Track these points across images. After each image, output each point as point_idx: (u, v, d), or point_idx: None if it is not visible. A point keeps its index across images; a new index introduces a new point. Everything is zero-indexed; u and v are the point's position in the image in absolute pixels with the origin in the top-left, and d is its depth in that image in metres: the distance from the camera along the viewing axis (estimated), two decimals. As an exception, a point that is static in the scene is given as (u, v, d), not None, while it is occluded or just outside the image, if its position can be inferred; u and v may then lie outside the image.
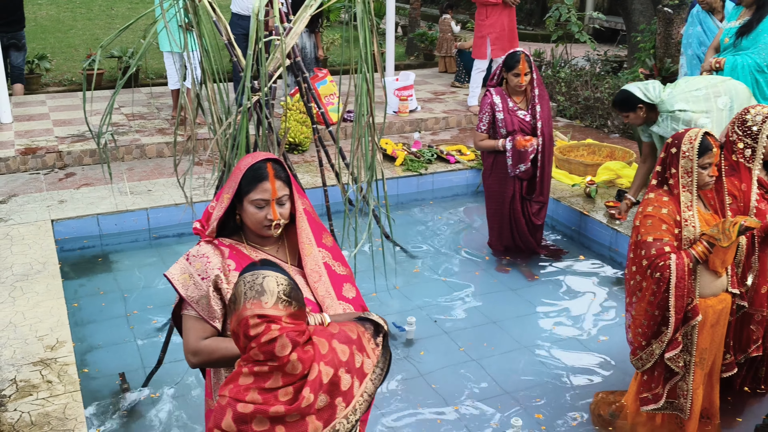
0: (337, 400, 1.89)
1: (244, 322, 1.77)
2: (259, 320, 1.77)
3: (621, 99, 4.50)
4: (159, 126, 7.63)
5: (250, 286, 1.79)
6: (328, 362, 1.87)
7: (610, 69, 10.61)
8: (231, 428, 1.80)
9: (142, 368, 4.04)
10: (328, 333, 1.95)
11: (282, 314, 1.78)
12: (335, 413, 1.88)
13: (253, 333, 1.77)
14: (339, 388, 1.89)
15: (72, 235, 5.44)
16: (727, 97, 4.42)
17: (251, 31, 3.23)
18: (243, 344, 1.81)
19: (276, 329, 1.77)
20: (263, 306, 1.77)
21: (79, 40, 13.56)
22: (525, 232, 5.20)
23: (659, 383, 3.30)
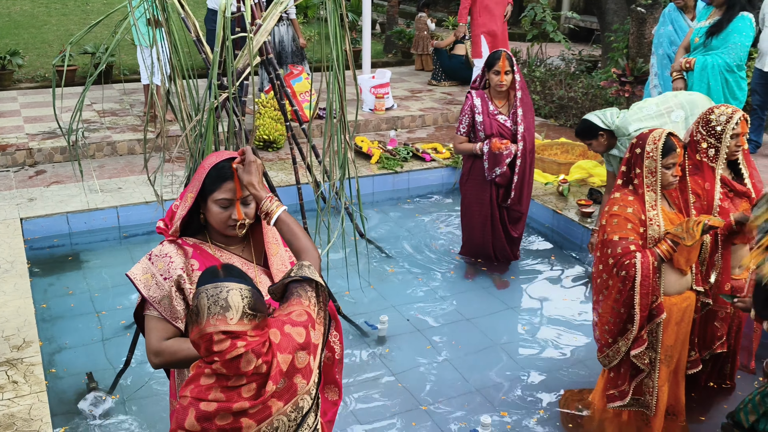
0: (296, 378, 1.89)
1: (208, 338, 1.75)
2: (224, 336, 1.74)
3: (582, 129, 4.53)
4: (131, 123, 7.56)
5: (213, 301, 1.76)
6: (284, 350, 1.87)
7: (585, 68, 10.68)
8: (194, 427, 1.79)
9: (111, 368, 4.00)
10: (279, 321, 1.93)
11: (247, 329, 1.77)
12: (296, 390, 1.89)
13: (218, 349, 1.74)
14: (295, 367, 1.89)
15: (41, 233, 5.38)
16: (680, 111, 4.46)
17: (218, 28, 3.21)
18: (205, 356, 1.79)
19: (242, 346, 1.75)
20: (228, 323, 1.75)
21: (53, 35, 13.38)
22: (502, 240, 5.08)
23: (625, 380, 3.33)
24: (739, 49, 5.44)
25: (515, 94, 4.78)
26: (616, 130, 4.45)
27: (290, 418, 1.89)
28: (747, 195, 3.48)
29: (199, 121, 3.50)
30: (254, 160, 2.27)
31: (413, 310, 4.73)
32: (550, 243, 5.81)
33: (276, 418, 1.86)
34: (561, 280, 5.21)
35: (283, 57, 8.22)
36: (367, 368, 4.10)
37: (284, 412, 1.87)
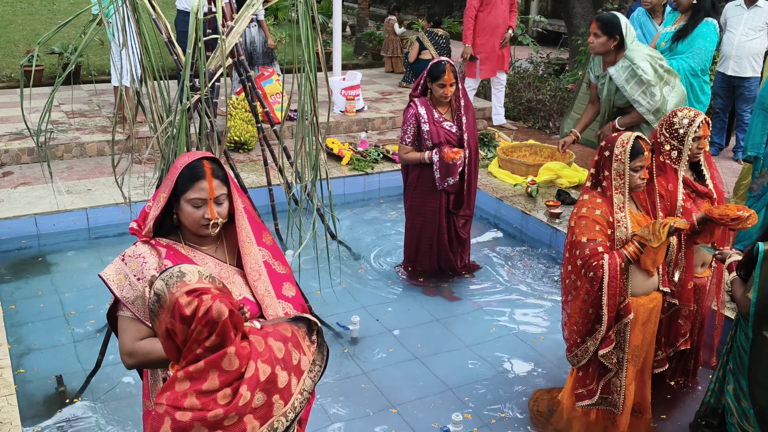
0: (274, 398, 1.89)
1: (177, 306, 1.76)
2: (189, 297, 1.77)
3: (607, 18, 4.58)
4: (100, 124, 7.48)
5: (169, 277, 1.80)
6: (266, 360, 1.88)
7: (553, 71, 10.82)
8: None
9: (81, 370, 3.97)
10: (263, 331, 1.95)
11: (209, 286, 1.80)
12: (272, 411, 1.89)
13: (189, 311, 1.75)
14: (276, 385, 1.90)
15: (9, 235, 5.31)
16: (671, 89, 4.61)
17: (190, 29, 3.21)
18: (182, 335, 1.78)
19: (208, 298, 1.77)
20: (188, 284, 1.78)
21: (18, 35, 13.17)
22: (447, 250, 5.00)
23: (593, 379, 3.40)
24: (703, 54, 5.57)
25: (458, 101, 4.72)
26: (627, 51, 4.53)
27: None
28: (708, 196, 3.58)
29: (171, 123, 3.50)
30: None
31: (384, 311, 4.76)
32: (519, 243, 5.88)
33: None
34: (530, 280, 5.28)
35: (254, 58, 8.21)
36: (339, 368, 4.12)
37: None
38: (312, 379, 2.07)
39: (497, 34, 8.28)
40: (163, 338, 1.83)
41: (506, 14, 8.36)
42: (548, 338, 4.51)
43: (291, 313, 2.38)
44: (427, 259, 5.06)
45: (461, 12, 17.96)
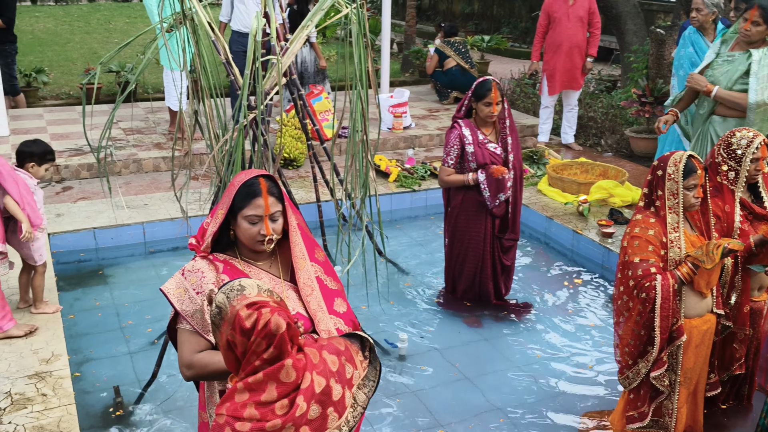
0: (329, 410, 1.93)
1: (237, 319, 1.83)
2: (249, 309, 1.83)
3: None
4: (156, 141, 7.70)
5: (229, 291, 1.88)
6: (320, 372, 1.92)
7: (604, 88, 10.73)
8: None
9: (137, 381, 4.07)
10: (318, 344, 2.00)
11: (268, 300, 1.86)
12: (327, 423, 1.93)
13: (249, 324, 1.82)
14: (331, 398, 1.94)
15: (69, 248, 5.48)
16: None
17: (249, 50, 3.30)
18: (241, 347, 1.84)
19: (267, 311, 1.83)
20: (248, 297, 1.85)
21: (76, 53, 13.64)
22: (488, 277, 4.84)
23: (645, 402, 3.35)
24: None
25: (503, 122, 4.63)
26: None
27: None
28: (766, 218, 3.51)
29: (228, 140, 3.59)
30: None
31: (431, 329, 4.76)
32: (569, 263, 5.83)
33: None
34: (581, 301, 5.23)
35: (305, 78, 8.36)
36: (388, 385, 4.14)
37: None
38: (366, 394, 2.10)
39: (561, 52, 8.12)
40: (223, 349, 1.90)
41: (575, 33, 8.07)
42: (599, 360, 4.45)
43: (342, 328, 2.42)
44: (470, 287, 4.92)
45: (509, 28, 17.99)
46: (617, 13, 10.36)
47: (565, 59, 8.10)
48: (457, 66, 9.80)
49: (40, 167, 4.10)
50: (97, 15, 19.21)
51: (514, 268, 5.02)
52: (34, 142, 4.12)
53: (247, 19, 7.66)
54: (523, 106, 10.12)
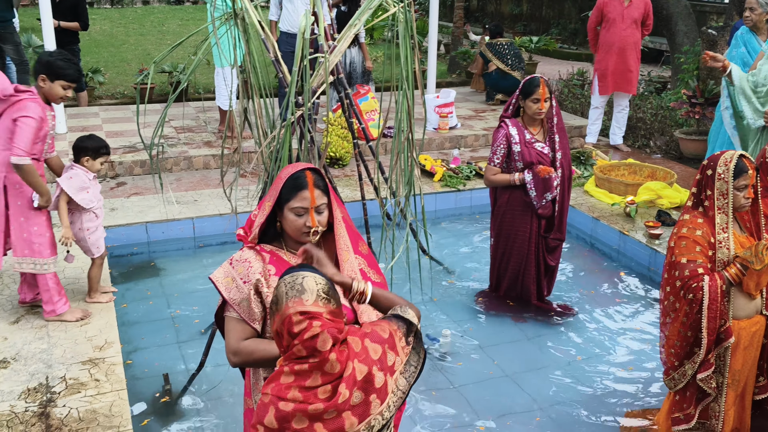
0: (371, 397, 1.98)
1: (288, 320, 1.87)
2: (301, 317, 1.87)
3: None
4: (206, 139, 7.87)
5: (290, 286, 1.90)
6: (362, 360, 1.96)
7: (654, 89, 10.57)
8: (273, 425, 1.90)
9: (185, 370, 4.19)
10: (361, 332, 2.04)
11: (322, 311, 1.89)
12: (369, 409, 1.97)
13: (297, 330, 1.86)
14: (373, 385, 1.98)
15: (122, 241, 5.65)
16: None
17: (297, 48, 3.37)
18: (286, 342, 1.90)
19: (318, 326, 1.87)
20: (304, 303, 1.88)
21: (131, 54, 14.00)
22: (531, 277, 4.80)
23: (691, 404, 3.31)
24: None
25: (551, 121, 4.58)
26: None
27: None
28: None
29: (275, 137, 3.67)
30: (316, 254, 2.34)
31: (473, 326, 4.78)
32: (616, 264, 5.77)
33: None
34: (626, 302, 5.17)
35: (353, 78, 8.44)
36: (429, 380, 4.17)
37: (357, 430, 1.95)
38: (407, 380, 2.14)
39: (613, 52, 7.99)
40: (273, 333, 1.96)
41: (629, 34, 7.94)
42: (643, 361, 4.41)
43: None
44: (513, 286, 4.91)
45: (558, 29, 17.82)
46: (668, 14, 10.19)
47: (617, 60, 8.00)
48: (498, 69, 9.75)
49: (95, 161, 4.24)
50: (151, 17, 19.67)
51: (558, 269, 4.99)
52: (89, 138, 4.26)
53: (295, 19, 7.77)
54: (571, 106, 10.03)
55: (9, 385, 3.62)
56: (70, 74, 3.96)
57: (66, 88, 3.98)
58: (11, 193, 3.98)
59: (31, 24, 13.92)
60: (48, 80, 3.92)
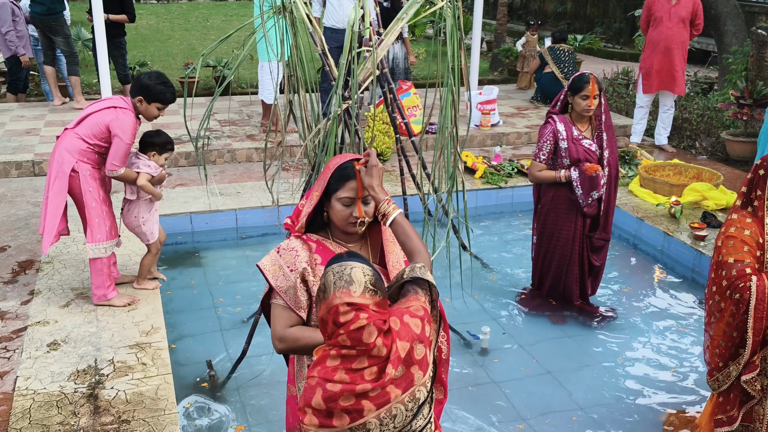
0: (413, 368, 2.01)
1: (334, 310, 1.90)
2: (348, 308, 1.89)
3: None
4: (249, 132, 7.97)
5: (339, 276, 1.93)
6: (403, 337, 1.99)
7: (700, 90, 10.39)
8: (320, 406, 1.94)
9: (227, 357, 4.26)
10: (399, 311, 2.07)
11: (369, 303, 1.91)
12: (413, 380, 2.01)
13: (343, 320, 1.89)
14: (413, 357, 2.01)
15: (167, 231, 5.69)
16: None
17: (345, 41, 3.41)
18: (331, 331, 1.94)
19: (364, 317, 1.89)
20: (352, 295, 1.90)
21: (176, 49, 14.24)
22: (574, 276, 4.75)
23: (735, 406, 3.26)
24: None
25: (600, 118, 4.51)
26: None
27: (407, 407, 2.01)
28: None
29: (320, 130, 3.71)
30: (376, 164, 2.43)
31: (514, 324, 4.76)
32: (659, 265, 5.70)
33: (394, 406, 1.97)
34: (671, 302, 5.11)
35: (395, 73, 8.47)
36: (468, 377, 4.17)
37: (402, 401, 1.98)
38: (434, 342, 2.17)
39: (659, 51, 7.87)
40: (318, 320, 1.99)
41: (675, 33, 7.81)
42: (686, 363, 4.35)
43: None
44: (556, 286, 4.86)
45: (603, 28, 17.60)
46: (716, 13, 10.00)
47: (662, 59, 7.88)
48: (551, 74, 9.63)
49: (160, 156, 4.37)
50: (196, 13, 19.95)
51: (603, 269, 4.91)
52: (156, 133, 4.40)
53: (340, 14, 7.81)
54: (615, 105, 9.92)
55: (59, 367, 3.73)
56: (168, 98, 4.21)
57: (161, 109, 4.23)
58: (83, 180, 4.12)
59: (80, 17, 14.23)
60: (145, 102, 4.15)
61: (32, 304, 4.35)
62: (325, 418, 1.94)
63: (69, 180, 4.10)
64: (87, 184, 4.13)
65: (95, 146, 4.12)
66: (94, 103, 4.26)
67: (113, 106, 4.13)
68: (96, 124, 4.10)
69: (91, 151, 4.12)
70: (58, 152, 4.10)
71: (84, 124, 4.13)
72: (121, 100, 4.19)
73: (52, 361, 3.78)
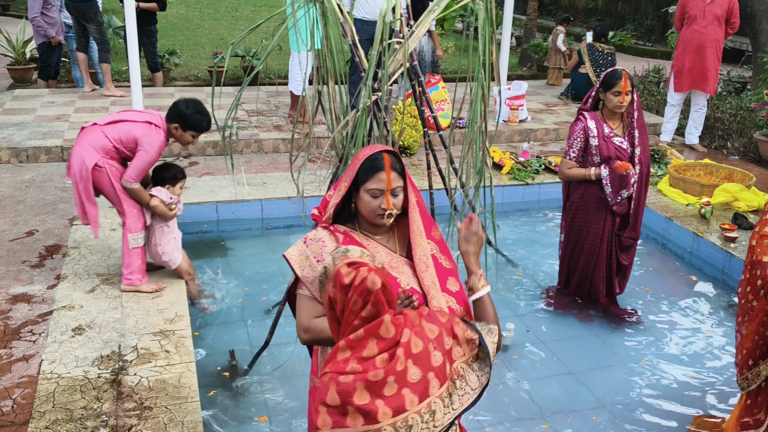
0: (429, 375, 1.97)
1: (338, 276, 1.93)
2: (349, 268, 1.92)
3: None
4: (276, 123, 7.98)
5: (335, 254, 1.98)
6: (418, 333, 1.97)
7: (733, 89, 10.21)
8: (335, 401, 1.92)
9: (250, 347, 4.26)
10: (418, 312, 2.05)
11: (368, 261, 1.94)
12: (428, 388, 1.97)
13: (347, 280, 1.91)
14: (429, 362, 1.97)
15: (193, 219, 5.77)
16: None
17: (377, 32, 3.38)
18: (341, 305, 1.93)
19: (365, 269, 1.92)
20: (350, 257, 1.95)
21: (205, 38, 14.30)
22: (601, 275, 4.68)
23: (762, 409, 3.20)
24: None
25: (632, 116, 4.44)
26: None
27: (423, 419, 1.98)
28: None
29: (349, 121, 3.69)
30: (477, 232, 2.44)
31: (539, 322, 4.71)
32: (688, 266, 5.61)
33: (411, 416, 1.94)
34: (699, 304, 5.02)
35: (422, 66, 8.41)
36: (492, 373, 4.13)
37: (419, 411, 1.95)
38: (479, 379, 2.12)
39: (691, 49, 7.73)
40: (327, 308, 1.99)
41: (709, 32, 7.67)
42: (713, 366, 4.27)
43: (454, 307, 2.46)
44: (584, 284, 4.79)
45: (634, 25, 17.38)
46: (752, 12, 9.82)
47: (694, 57, 7.73)
48: (586, 74, 9.44)
49: (174, 186, 4.39)
50: (225, 3, 20.00)
51: (631, 268, 4.84)
52: (165, 167, 4.42)
53: (370, 5, 7.78)
54: (646, 103, 9.78)
55: (83, 352, 3.76)
56: (204, 128, 4.26)
57: (195, 137, 4.28)
58: (112, 174, 4.16)
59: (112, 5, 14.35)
60: (180, 129, 4.21)
61: (58, 289, 4.39)
62: (340, 416, 1.91)
63: (95, 175, 4.14)
64: (115, 178, 4.17)
65: (120, 151, 4.17)
66: (132, 112, 4.32)
67: (149, 121, 4.18)
68: (127, 132, 4.14)
69: (115, 152, 4.16)
70: (83, 147, 4.12)
71: (115, 127, 4.17)
72: (158, 117, 4.24)
73: (76, 346, 3.81)
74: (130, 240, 4.27)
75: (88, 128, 4.22)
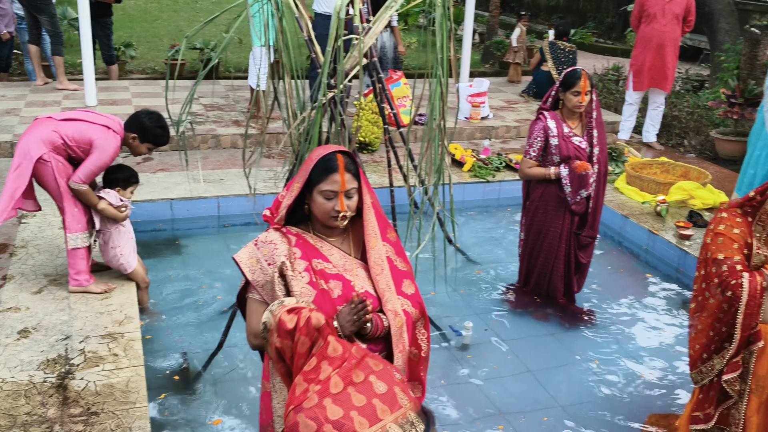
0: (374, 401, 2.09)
1: (280, 324, 2.05)
2: (289, 314, 2.05)
3: None
4: (235, 118, 7.85)
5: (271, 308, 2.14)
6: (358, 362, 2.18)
7: (691, 87, 10.36)
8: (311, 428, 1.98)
9: (204, 349, 4.17)
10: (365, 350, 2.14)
11: (305, 307, 2.07)
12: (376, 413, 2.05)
13: (291, 325, 2.03)
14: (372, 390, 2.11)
15: (146, 217, 5.63)
16: None
17: (331, 28, 3.30)
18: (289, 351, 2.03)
19: (306, 311, 2.05)
20: (287, 305, 2.09)
21: (163, 30, 14.02)
22: (559, 274, 4.70)
23: (712, 404, 3.23)
24: None
25: (591, 115, 4.46)
26: None
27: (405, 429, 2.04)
28: None
29: (305, 118, 3.61)
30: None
31: (496, 320, 4.70)
32: (643, 264, 5.66)
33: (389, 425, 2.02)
34: (652, 303, 5.07)
35: (383, 63, 8.35)
36: (449, 372, 4.11)
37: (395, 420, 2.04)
38: None
39: (651, 48, 7.77)
40: (275, 361, 2.03)
41: (669, 30, 7.72)
42: (667, 364, 4.31)
43: (409, 310, 2.44)
44: (542, 282, 4.80)
45: (595, 23, 17.54)
46: (710, 11, 9.96)
47: (654, 56, 7.80)
48: (548, 72, 9.48)
49: (125, 190, 4.27)
50: (185, -6, 19.67)
51: (589, 266, 4.86)
52: (118, 168, 4.29)
53: (330, 0, 7.68)
54: (605, 102, 9.86)
55: (29, 355, 3.62)
56: (163, 142, 4.22)
57: (150, 150, 4.21)
58: (57, 170, 4.02)
59: (67, -3, 13.97)
60: (138, 140, 4.12)
61: (4, 290, 4.23)
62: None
63: (38, 167, 3.98)
64: (60, 174, 4.02)
65: (70, 149, 4.03)
66: (92, 113, 4.19)
67: (108, 126, 4.06)
68: (83, 133, 4.01)
69: (64, 149, 4.02)
70: (31, 138, 3.98)
71: (72, 125, 4.03)
72: (117, 123, 4.12)
73: (21, 349, 3.67)
74: (69, 240, 4.13)
75: (41, 119, 4.08)
